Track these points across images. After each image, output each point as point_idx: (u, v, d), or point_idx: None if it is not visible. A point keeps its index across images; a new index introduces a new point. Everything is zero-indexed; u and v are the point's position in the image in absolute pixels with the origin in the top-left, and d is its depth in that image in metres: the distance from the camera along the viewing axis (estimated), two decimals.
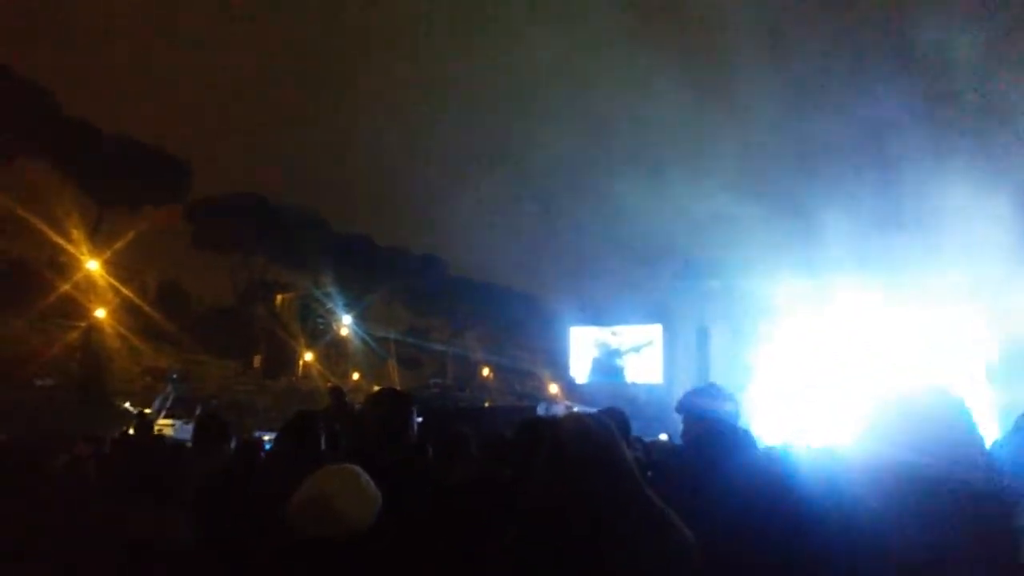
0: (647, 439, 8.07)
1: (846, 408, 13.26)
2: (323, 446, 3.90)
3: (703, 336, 21.88)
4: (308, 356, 33.25)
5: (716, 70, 23.89)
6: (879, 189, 16.24)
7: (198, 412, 21.05)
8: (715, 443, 3.14)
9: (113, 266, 29.16)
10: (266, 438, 11.16)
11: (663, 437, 11.16)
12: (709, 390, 3.43)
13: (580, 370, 25.95)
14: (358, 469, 2.69)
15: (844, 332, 16.07)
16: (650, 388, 23.33)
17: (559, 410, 18.84)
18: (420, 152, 30.89)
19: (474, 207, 30.99)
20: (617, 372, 24.97)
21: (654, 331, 24.56)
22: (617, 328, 25.22)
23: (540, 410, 17.09)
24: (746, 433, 3.28)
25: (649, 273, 23.63)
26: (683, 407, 3.35)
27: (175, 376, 23.88)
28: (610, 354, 25.24)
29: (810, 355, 16.68)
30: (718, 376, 21.18)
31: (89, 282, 28.59)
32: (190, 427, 14.97)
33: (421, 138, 30.42)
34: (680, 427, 3.38)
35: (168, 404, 21.36)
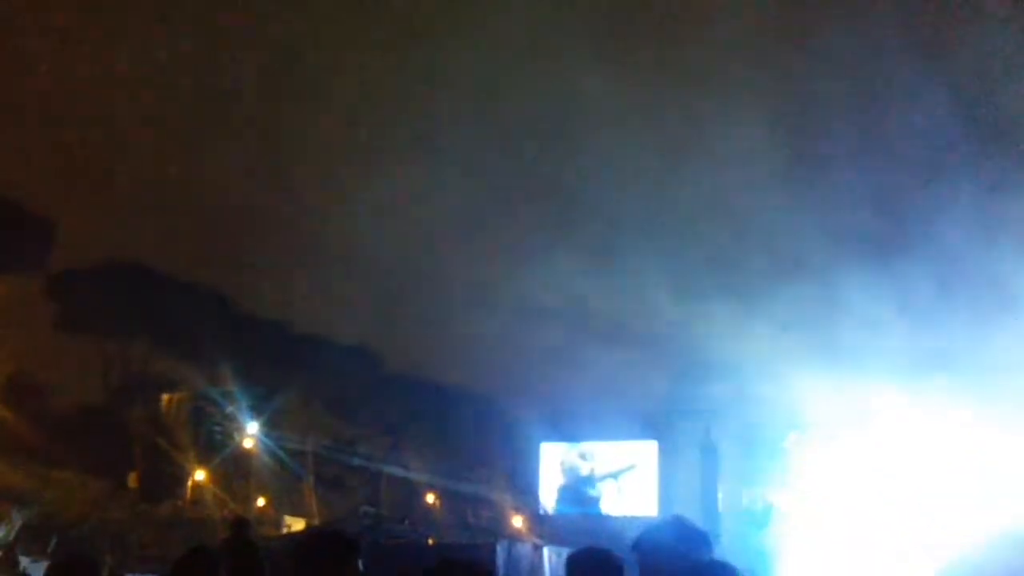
0: None
1: (911, 560, 13.06)
2: None
3: (709, 456, 21.97)
4: (200, 475, 32.67)
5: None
6: (950, 260, 15.54)
7: (52, 546, 20.51)
8: None
9: None
10: None
11: None
12: (677, 526, 3.43)
13: (551, 497, 25.81)
14: None
15: (903, 457, 15.70)
16: (639, 522, 23.16)
17: (525, 550, 18.65)
18: (345, 203, 30.83)
19: (415, 284, 31.01)
20: (591, 502, 24.88)
21: (646, 449, 24.57)
22: (587, 447, 25.25)
23: (500, 551, 16.90)
24: None
25: (640, 376, 23.66)
26: (646, 548, 3.32)
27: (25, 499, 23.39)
28: (580, 480, 25.21)
29: (854, 484, 16.37)
30: (729, 508, 21.16)
31: None
32: (42, 565, 14.56)
33: (348, 187, 30.42)
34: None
35: (13, 535, 20.90)
